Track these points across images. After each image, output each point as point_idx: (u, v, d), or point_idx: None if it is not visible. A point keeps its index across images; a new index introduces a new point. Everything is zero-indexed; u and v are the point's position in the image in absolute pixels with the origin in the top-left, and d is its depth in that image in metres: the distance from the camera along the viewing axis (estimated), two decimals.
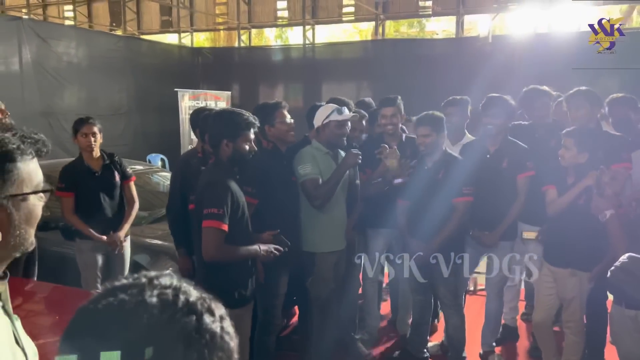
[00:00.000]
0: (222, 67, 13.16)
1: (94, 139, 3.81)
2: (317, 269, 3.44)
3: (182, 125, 9.24)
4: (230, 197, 2.66)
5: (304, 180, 3.38)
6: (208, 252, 2.63)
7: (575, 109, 3.52)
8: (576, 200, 3.18)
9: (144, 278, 0.72)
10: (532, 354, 3.95)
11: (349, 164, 3.45)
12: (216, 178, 2.70)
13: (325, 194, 3.37)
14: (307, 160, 3.41)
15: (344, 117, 3.44)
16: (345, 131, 3.47)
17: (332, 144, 3.48)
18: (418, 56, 10.87)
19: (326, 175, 3.40)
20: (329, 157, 3.49)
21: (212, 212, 2.60)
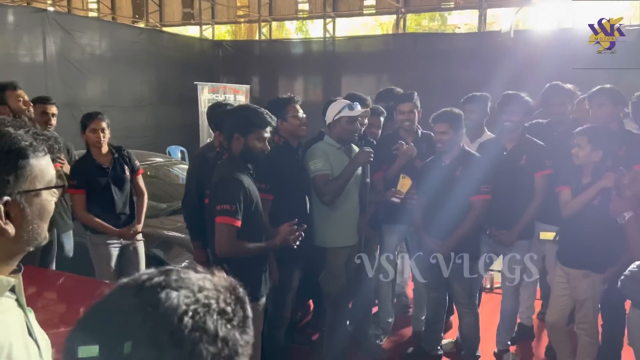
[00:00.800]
0: (242, 60, 13.21)
1: (102, 135, 3.78)
2: (328, 264, 3.45)
3: (201, 118, 9.31)
4: (243, 193, 2.68)
5: (315, 176, 3.38)
6: (220, 248, 2.65)
7: (597, 107, 3.46)
8: (591, 201, 3.13)
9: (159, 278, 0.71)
10: (548, 353, 3.91)
11: (360, 162, 3.44)
12: (229, 174, 2.72)
13: (335, 190, 3.36)
14: (319, 156, 3.40)
15: (355, 113, 3.43)
16: (356, 127, 3.46)
17: (343, 139, 3.47)
18: (439, 51, 10.76)
19: (338, 171, 3.39)
20: (341, 153, 3.48)
21: (225, 208, 2.62)
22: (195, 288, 0.69)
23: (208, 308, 0.68)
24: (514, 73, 7.21)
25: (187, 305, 0.66)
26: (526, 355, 3.99)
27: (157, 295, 0.67)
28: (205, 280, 0.72)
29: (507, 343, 3.90)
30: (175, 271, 0.73)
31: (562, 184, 3.32)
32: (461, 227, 3.47)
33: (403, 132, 3.99)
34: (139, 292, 0.69)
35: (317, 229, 3.44)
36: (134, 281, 0.71)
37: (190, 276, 0.72)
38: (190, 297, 0.68)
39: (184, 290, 0.68)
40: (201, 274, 0.74)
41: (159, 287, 0.68)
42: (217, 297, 0.70)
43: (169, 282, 0.69)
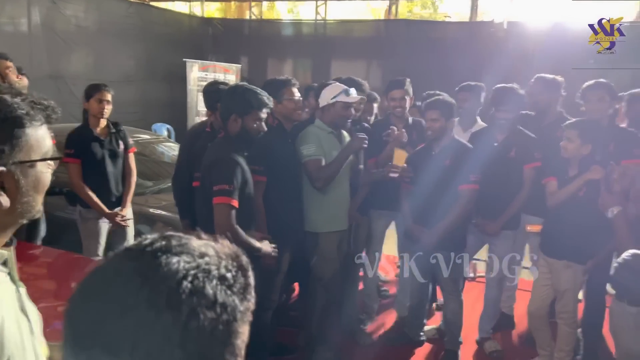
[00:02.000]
0: (231, 39, 13.03)
1: (107, 106, 3.82)
2: (320, 249, 3.44)
3: (190, 96, 9.18)
4: (239, 174, 2.66)
5: (307, 161, 3.36)
6: (221, 228, 2.61)
7: (596, 101, 3.47)
8: (576, 192, 3.17)
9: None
10: (528, 342, 3.98)
11: (353, 148, 3.42)
12: (225, 154, 2.69)
13: (328, 176, 3.35)
14: (311, 140, 3.37)
15: (352, 99, 3.40)
16: (350, 113, 3.44)
17: (335, 124, 3.44)
18: (431, 38, 10.72)
19: (330, 155, 3.37)
20: (332, 137, 3.46)
21: (222, 188, 2.60)
22: (196, 253, 0.69)
23: (208, 273, 0.67)
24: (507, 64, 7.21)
25: (187, 270, 0.66)
26: (507, 344, 4.06)
27: (157, 259, 0.67)
28: (207, 247, 0.72)
29: (489, 331, 3.96)
30: (177, 237, 0.72)
31: (549, 176, 3.36)
32: (449, 215, 3.48)
33: (394, 118, 3.98)
34: (139, 256, 0.68)
35: (308, 214, 3.42)
36: (136, 246, 0.71)
37: (192, 242, 0.71)
38: (190, 263, 0.67)
39: (184, 256, 0.68)
40: (204, 241, 0.74)
41: (160, 252, 0.68)
42: (218, 263, 0.70)
43: (170, 247, 0.69)
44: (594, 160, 3.19)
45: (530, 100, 3.79)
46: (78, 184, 3.75)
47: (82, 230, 3.86)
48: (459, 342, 3.77)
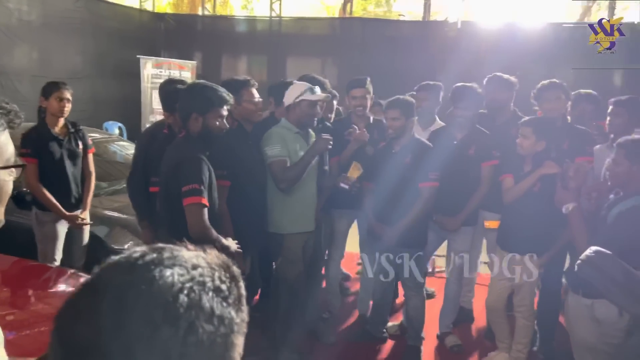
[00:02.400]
0: (184, 35, 12.76)
1: (67, 105, 3.71)
2: (285, 251, 3.41)
3: (144, 93, 8.92)
4: (207, 174, 2.60)
5: (272, 162, 3.32)
6: (195, 229, 2.53)
7: (553, 100, 3.58)
8: (531, 188, 3.27)
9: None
10: (487, 335, 4.08)
11: (319, 149, 3.40)
12: (190, 153, 2.62)
13: (293, 177, 3.32)
14: (276, 141, 3.33)
15: (317, 97, 3.38)
16: (317, 111, 3.41)
17: (302, 123, 3.41)
18: (386, 37, 10.83)
19: (295, 156, 3.34)
20: (299, 137, 3.43)
21: (193, 187, 2.52)
22: (188, 265, 0.67)
23: (203, 286, 0.65)
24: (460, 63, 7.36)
25: (182, 283, 0.64)
26: (467, 337, 4.14)
27: (150, 272, 0.64)
28: (198, 258, 0.70)
29: (450, 325, 4.03)
30: (168, 249, 0.70)
31: (506, 173, 3.45)
32: (410, 213, 3.52)
33: (355, 117, 3.99)
34: (131, 269, 0.66)
35: (273, 215, 3.39)
36: (125, 259, 0.68)
37: (183, 254, 0.69)
38: (184, 275, 0.65)
39: (177, 268, 0.66)
40: (193, 252, 0.72)
41: (152, 265, 0.66)
42: (212, 274, 0.68)
43: (162, 260, 0.67)
44: (549, 157, 3.31)
45: (485, 99, 3.87)
46: (35, 185, 3.59)
47: (38, 234, 3.70)
48: (422, 338, 3.83)
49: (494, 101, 3.93)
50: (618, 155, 2.67)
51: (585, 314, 2.76)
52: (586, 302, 2.74)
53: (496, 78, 3.99)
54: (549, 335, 3.74)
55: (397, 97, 3.61)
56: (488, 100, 3.87)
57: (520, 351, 3.50)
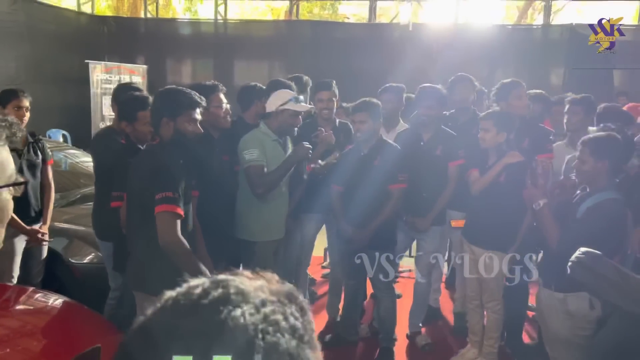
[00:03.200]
0: (127, 39, 12.36)
1: (26, 114, 3.53)
2: (257, 258, 3.34)
3: (93, 99, 8.49)
4: (183, 183, 2.49)
5: (249, 166, 3.25)
6: (165, 239, 2.39)
7: (515, 98, 3.68)
8: (497, 178, 3.36)
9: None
10: (455, 333, 4.15)
11: (298, 157, 3.37)
12: (165, 160, 2.51)
13: (270, 183, 3.27)
14: (255, 146, 3.27)
15: (302, 108, 3.37)
16: (298, 121, 3.41)
17: (282, 131, 3.39)
18: (335, 39, 10.88)
19: (272, 163, 3.29)
20: (277, 145, 3.39)
21: (166, 195, 2.39)
22: (257, 301, 0.58)
23: (278, 326, 0.57)
24: (413, 65, 7.51)
25: (255, 325, 0.55)
26: (436, 336, 4.19)
27: (218, 314, 0.55)
28: (263, 289, 0.61)
29: (419, 325, 4.07)
30: (231, 281, 0.61)
31: (471, 168, 3.53)
32: (379, 215, 3.54)
33: (321, 120, 3.97)
34: (195, 311, 0.57)
35: (245, 221, 3.31)
36: (185, 296, 0.59)
37: (247, 286, 0.60)
38: (254, 315, 0.56)
39: (246, 306, 0.57)
40: (256, 281, 0.63)
41: (220, 304, 0.57)
42: (283, 310, 0.59)
43: (229, 297, 0.58)
44: (512, 147, 3.42)
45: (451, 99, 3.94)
46: None
47: None
48: (394, 339, 3.85)
49: (456, 102, 4.00)
50: (583, 153, 2.77)
51: (557, 308, 2.85)
52: (558, 296, 2.83)
53: (458, 78, 4.07)
54: (516, 330, 3.84)
55: (363, 100, 3.62)
56: (454, 100, 3.94)
57: (491, 346, 3.58)
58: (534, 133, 3.72)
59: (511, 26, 11.13)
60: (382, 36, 10.69)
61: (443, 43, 9.05)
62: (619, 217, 2.66)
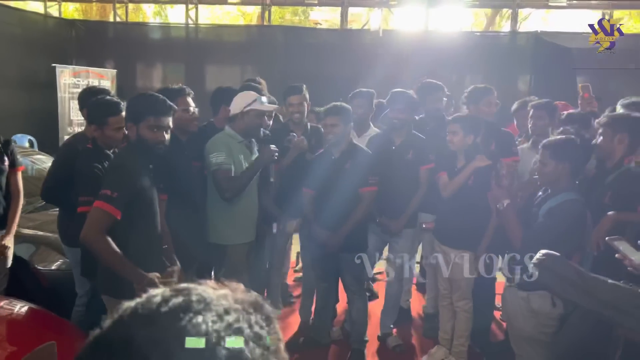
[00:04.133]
0: (96, 43, 12.19)
1: None
2: (229, 262, 3.35)
3: (61, 104, 8.30)
4: (131, 185, 2.46)
5: (216, 170, 3.25)
6: (85, 233, 2.36)
7: (485, 104, 3.79)
8: (466, 181, 3.44)
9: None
10: (426, 333, 4.22)
11: (265, 160, 3.38)
12: (122, 161, 2.50)
13: (238, 187, 3.27)
14: (221, 149, 3.27)
15: (267, 108, 3.37)
16: (264, 122, 3.41)
17: (248, 133, 3.39)
18: (307, 44, 10.95)
19: (239, 166, 3.29)
20: (243, 147, 3.39)
21: (105, 193, 2.37)
22: (220, 309, 0.58)
23: (241, 334, 0.57)
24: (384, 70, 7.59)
25: (218, 332, 0.55)
26: (407, 337, 4.25)
27: (178, 322, 0.55)
28: (227, 298, 0.61)
29: (391, 326, 4.12)
30: (192, 290, 0.60)
31: (440, 171, 3.60)
32: (351, 218, 3.58)
33: (292, 124, 4.00)
34: (154, 319, 0.56)
35: (215, 225, 3.31)
36: (144, 305, 0.58)
37: (210, 294, 0.60)
38: (217, 322, 0.55)
39: (208, 314, 0.56)
40: (220, 290, 0.63)
41: (180, 312, 0.56)
42: (248, 319, 0.59)
43: (190, 305, 0.57)
44: (479, 151, 3.51)
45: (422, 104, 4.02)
46: None
47: None
48: (365, 341, 3.89)
49: (426, 106, 4.09)
50: (544, 156, 2.87)
51: (522, 306, 2.93)
52: (522, 294, 2.91)
53: (428, 84, 4.14)
54: (484, 329, 3.92)
55: (334, 104, 3.66)
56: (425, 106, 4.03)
57: (462, 345, 3.65)
58: (500, 137, 3.82)
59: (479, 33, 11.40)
60: (353, 42, 10.80)
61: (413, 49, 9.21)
62: (579, 217, 2.77)
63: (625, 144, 2.91)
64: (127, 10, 14.54)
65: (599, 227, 2.77)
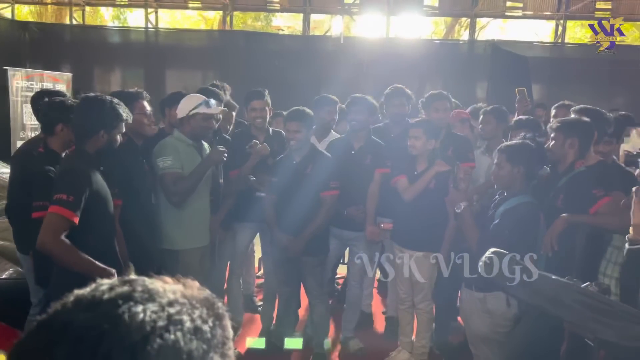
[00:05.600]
0: (51, 46, 11.87)
1: None
2: (181, 267, 3.29)
3: (13, 108, 8.00)
4: (88, 189, 2.41)
5: (163, 174, 3.21)
6: (43, 239, 2.30)
7: (441, 110, 3.87)
8: (428, 185, 3.51)
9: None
10: (386, 337, 4.26)
11: (213, 161, 3.35)
12: (75, 165, 2.45)
13: (185, 190, 3.23)
14: (169, 152, 3.23)
15: (213, 111, 3.34)
16: (212, 124, 3.38)
17: (197, 136, 3.36)
18: (269, 50, 10.94)
19: (189, 169, 3.26)
20: (192, 149, 3.36)
21: (60, 197, 2.31)
22: (164, 301, 0.58)
23: (180, 326, 0.57)
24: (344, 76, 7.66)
25: (155, 322, 0.55)
26: (369, 340, 4.26)
27: (117, 309, 0.56)
28: (176, 293, 0.61)
29: (352, 330, 4.14)
30: (141, 281, 0.62)
31: (398, 175, 3.64)
32: (312, 222, 3.59)
33: (254, 129, 3.99)
34: (94, 306, 0.57)
35: (166, 230, 3.28)
36: (88, 294, 0.59)
37: (157, 287, 0.61)
38: (157, 312, 0.56)
39: (150, 304, 0.57)
40: (172, 285, 0.64)
41: (120, 300, 0.57)
42: (191, 312, 0.60)
43: (132, 294, 0.58)
44: (437, 156, 3.58)
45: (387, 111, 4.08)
46: None
47: None
48: (327, 345, 3.89)
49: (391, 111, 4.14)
50: (500, 159, 2.95)
51: (478, 307, 3.00)
52: (478, 295, 2.98)
53: (394, 89, 4.18)
54: (443, 330, 3.99)
55: (297, 109, 3.67)
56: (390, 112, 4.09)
57: (423, 346, 3.70)
58: (457, 142, 3.90)
59: (439, 41, 11.64)
60: (315, 48, 10.87)
61: (374, 56, 9.32)
62: (533, 219, 2.86)
63: (575, 148, 3.02)
64: (84, 13, 14.23)
65: (552, 229, 2.86)
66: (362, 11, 12.02)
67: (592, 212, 2.90)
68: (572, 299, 1.99)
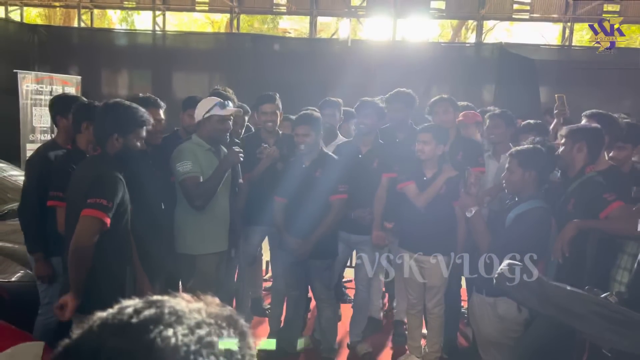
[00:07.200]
0: (60, 48, 11.94)
1: None
2: (198, 272, 3.29)
3: (23, 110, 8.05)
4: (121, 195, 2.47)
5: (184, 179, 3.21)
6: (81, 241, 2.35)
7: (443, 113, 3.86)
8: (439, 190, 3.50)
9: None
10: (395, 342, 4.24)
11: (230, 162, 3.35)
12: (109, 171, 2.48)
13: (206, 193, 3.22)
14: (187, 157, 3.23)
15: (227, 112, 3.32)
16: (227, 126, 3.36)
17: (213, 139, 3.35)
18: (275, 53, 10.97)
19: (208, 173, 3.25)
20: (210, 154, 3.35)
21: (99, 202, 2.37)
22: (192, 323, 0.58)
23: (212, 348, 0.57)
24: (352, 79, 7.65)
25: (187, 346, 0.55)
26: (377, 345, 4.25)
27: (148, 334, 0.55)
28: (201, 312, 0.61)
29: (360, 334, 4.13)
30: (165, 302, 0.60)
31: (406, 180, 3.63)
32: (321, 225, 3.58)
33: (264, 133, 3.99)
34: (123, 330, 0.56)
35: (183, 235, 3.27)
36: (114, 316, 0.58)
37: (183, 307, 0.60)
38: (188, 336, 0.56)
39: (179, 327, 0.56)
40: (193, 303, 0.63)
41: (151, 324, 0.56)
42: (219, 332, 0.59)
43: (161, 317, 0.57)
44: (446, 161, 3.57)
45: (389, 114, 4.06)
46: None
47: None
48: (335, 349, 3.88)
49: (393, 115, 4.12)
50: (511, 164, 2.94)
51: (489, 312, 2.98)
52: (489, 300, 2.97)
53: (396, 92, 4.17)
54: (451, 335, 3.97)
55: (305, 113, 3.67)
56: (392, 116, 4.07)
57: (436, 351, 3.68)
58: (467, 146, 3.89)
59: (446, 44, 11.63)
60: (321, 51, 10.87)
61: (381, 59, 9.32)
62: (544, 224, 2.84)
63: (584, 153, 2.99)
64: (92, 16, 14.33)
65: (562, 234, 2.84)
66: (369, 14, 12.03)
67: (602, 217, 2.87)
68: (587, 310, 1.97)
